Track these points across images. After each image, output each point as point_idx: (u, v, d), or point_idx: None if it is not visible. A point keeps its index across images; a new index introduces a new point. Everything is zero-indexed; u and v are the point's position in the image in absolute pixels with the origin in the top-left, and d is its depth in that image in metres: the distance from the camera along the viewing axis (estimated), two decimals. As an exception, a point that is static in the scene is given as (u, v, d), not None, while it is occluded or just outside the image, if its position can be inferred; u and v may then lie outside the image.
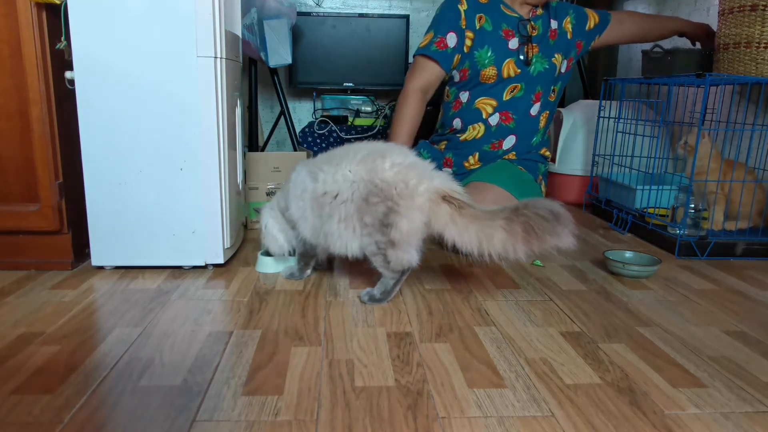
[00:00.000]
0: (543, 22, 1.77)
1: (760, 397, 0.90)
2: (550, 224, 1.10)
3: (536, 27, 1.76)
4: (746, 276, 1.51)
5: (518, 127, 1.78)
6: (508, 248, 1.14)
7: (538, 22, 1.77)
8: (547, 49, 1.77)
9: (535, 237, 1.11)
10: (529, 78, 1.75)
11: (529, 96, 1.77)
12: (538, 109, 1.79)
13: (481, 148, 1.79)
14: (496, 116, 1.77)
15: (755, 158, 1.88)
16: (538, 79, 1.77)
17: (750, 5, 1.65)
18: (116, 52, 1.33)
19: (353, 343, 1.06)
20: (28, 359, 0.97)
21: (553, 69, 1.78)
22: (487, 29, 1.72)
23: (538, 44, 1.76)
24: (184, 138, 1.38)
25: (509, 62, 1.73)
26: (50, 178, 1.39)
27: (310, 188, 1.27)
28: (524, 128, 1.79)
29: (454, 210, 1.17)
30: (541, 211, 1.11)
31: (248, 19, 2.30)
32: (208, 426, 0.79)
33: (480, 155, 1.80)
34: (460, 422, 0.81)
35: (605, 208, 2.11)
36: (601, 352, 1.04)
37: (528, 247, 1.13)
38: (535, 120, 1.80)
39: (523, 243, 1.13)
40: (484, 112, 1.77)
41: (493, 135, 1.78)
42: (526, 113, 1.78)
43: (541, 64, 1.75)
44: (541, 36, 1.77)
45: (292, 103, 3.18)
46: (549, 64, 1.76)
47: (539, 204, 1.12)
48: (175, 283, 1.36)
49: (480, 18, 1.72)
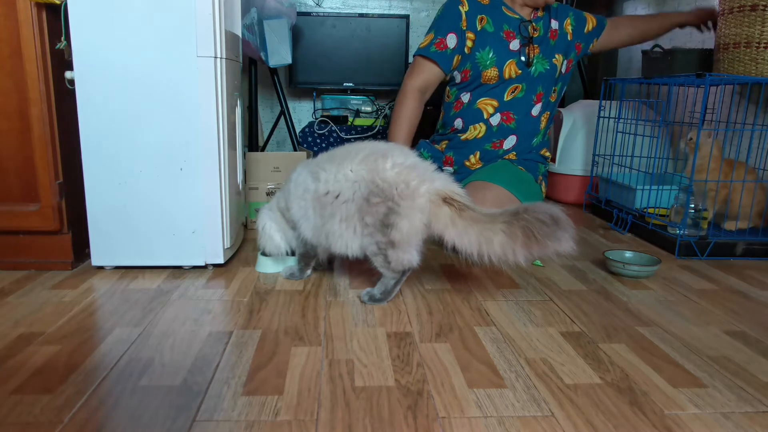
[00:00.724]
0: (544, 23, 1.78)
1: (760, 397, 0.90)
2: (551, 228, 1.10)
3: (537, 28, 1.76)
4: (746, 276, 1.51)
5: (519, 128, 1.78)
6: (508, 252, 1.14)
7: (540, 23, 1.77)
8: (548, 50, 1.77)
9: (535, 241, 1.11)
10: (530, 79, 1.76)
11: (531, 96, 1.77)
12: (540, 110, 1.80)
13: (482, 148, 1.80)
14: (497, 116, 1.77)
15: (755, 158, 1.88)
16: (539, 80, 1.77)
17: (750, 5, 1.65)
18: (116, 52, 1.33)
19: (353, 343, 1.06)
20: (28, 359, 0.97)
21: (554, 69, 1.78)
22: (488, 30, 1.72)
23: (540, 45, 1.76)
24: (184, 138, 1.38)
25: (510, 63, 1.73)
26: (50, 178, 1.39)
27: (312, 188, 1.27)
28: (525, 128, 1.79)
29: (455, 212, 1.17)
30: (541, 215, 1.11)
31: (248, 19, 2.30)
32: (208, 426, 0.79)
33: (481, 154, 1.80)
34: (460, 422, 0.81)
35: (605, 208, 2.11)
36: (601, 352, 1.04)
37: (528, 250, 1.13)
38: (536, 120, 1.80)
39: (522, 247, 1.13)
40: (486, 113, 1.78)
41: (494, 135, 1.79)
42: (527, 114, 1.78)
43: (542, 65, 1.76)
44: (542, 37, 1.77)
45: (292, 103, 3.18)
46: (550, 65, 1.77)
47: (539, 208, 1.12)
48: (175, 283, 1.36)
49: (482, 19, 1.72)
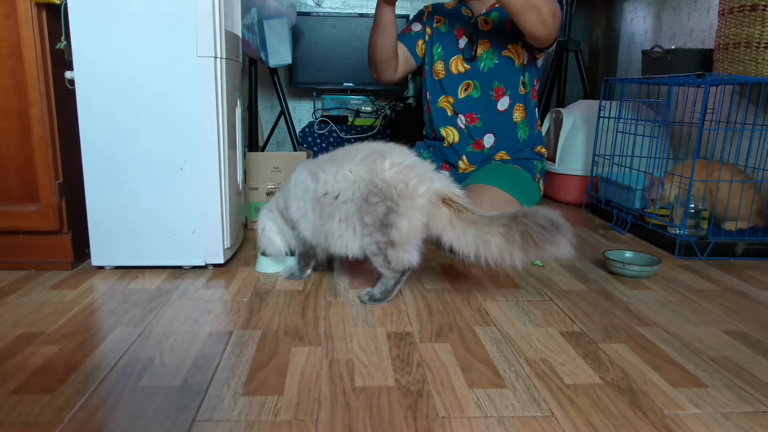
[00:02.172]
0: (501, 14, 1.74)
1: (760, 397, 0.90)
2: (550, 233, 1.10)
3: (489, 21, 1.74)
4: (746, 276, 1.51)
5: (489, 125, 1.77)
6: (505, 255, 1.14)
7: (494, 14, 1.74)
8: (499, 43, 1.73)
9: (533, 245, 1.11)
10: (480, 75, 1.75)
11: (487, 93, 1.75)
12: (508, 104, 1.76)
13: (465, 151, 1.80)
14: (462, 118, 1.78)
15: (755, 158, 1.88)
16: (491, 75, 1.75)
17: (750, 5, 1.65)
18: (116, 52, 1.33)
19: (353, 343, 1.06)
20: (28, 359, 0.97)
21: (507, 62, 1.73)
22: (441, 30, 1.80)
23: (490, 39, 1.74)
24: (184, 138, 1.38)
25: (457, 59, 1.78)
26: (50, 178, 1.39)
27: (312, 188, 1.27)
28: (497, 125, 1.77)
29: (453, 213, 1.17)
30: (540, 220, 1.11)
31: (248, 19, 2.31)
32: (208, 426, 0.79)
33: (468, 158, 1.80)
34: (460, 422, 0.81)
35: (605, 208, 2.11)
36: (601, 352, 1.04)
37: (525, 254, 1.13)
38: (506, 114, 1.77)
39: (520, 250, 1.13)
40: (449, 110, 1.80)
41: (467, 136, 1.79)
42: (493, 112, 1.76)
43: (491, 60, 1.74)
44: (494, 29, 1.74)
45: (292, 103, 3.18)
46: (499, 59, 1.74)
47: (539, 213, 1.12)
48: (175, 283, 1.36)
49: (438, 20, 1.82)
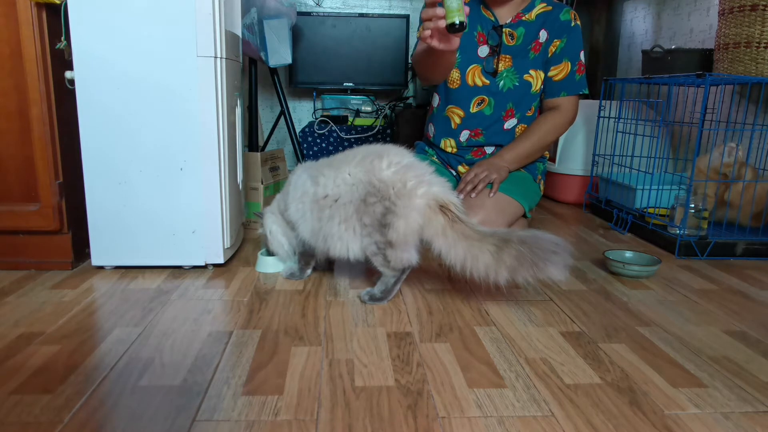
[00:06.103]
0: (528, 31, 1.59)
1: (760, 397, 0.90)
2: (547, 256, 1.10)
3: (515, 35, 1.59)
4: (746, 276, 1.51)
5: (490, 140, 1.73)
6: (491, 273, 1.13)
7: (520, 29, 1.59)
8: (524, 64, 1.61)
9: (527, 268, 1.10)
10: (498, 94, 1.65)
11: (500, 113, 1.68)
12: (514, 124, 1.71)
13: (465, 159, 1.79)
14: (466, 133, 1.72)
15: (755, 158, 1.88)
16: (509, 97, 1.65)
17: (750, 5, 1.65)
18: (116, 51, 1.33)
19: (353, 343, 1.06)
20: (28, 359, 0.97)
21: (525, 87, 1.64)
22: None
23: (514, 56, 1.60)
24: (184, 138, 1.38)
25: (474, 68, 1.63)
26: (50, 178, 1.39)
27: (311, 191, 1.27)
28: (499, 140, 1.73)
29: (447, 223, 1.17)
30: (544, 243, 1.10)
31: (248, 19, 2.30)
32: (208, 426, 0.79)
33: (467, 163, 1.79)
34: (460, 422, 0.81)
35: (605, 208, 2.11)
36: (601, 352, 1.04)
37: (512, 275, 1.12)
38: (510, 133, 1.73)
39: (507, 271, 1.12)
40: (453, 122, 1.72)
41: (465, 149, 1.75)
42: (497, 129, 1.70)
43: (511, 81, 1.62)
44: (520, 47, 1.59)
45: (292, 103, 3.18)
46: (520, 82, 1.62)
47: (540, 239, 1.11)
48: (175, 283, 1.36)
49: None
